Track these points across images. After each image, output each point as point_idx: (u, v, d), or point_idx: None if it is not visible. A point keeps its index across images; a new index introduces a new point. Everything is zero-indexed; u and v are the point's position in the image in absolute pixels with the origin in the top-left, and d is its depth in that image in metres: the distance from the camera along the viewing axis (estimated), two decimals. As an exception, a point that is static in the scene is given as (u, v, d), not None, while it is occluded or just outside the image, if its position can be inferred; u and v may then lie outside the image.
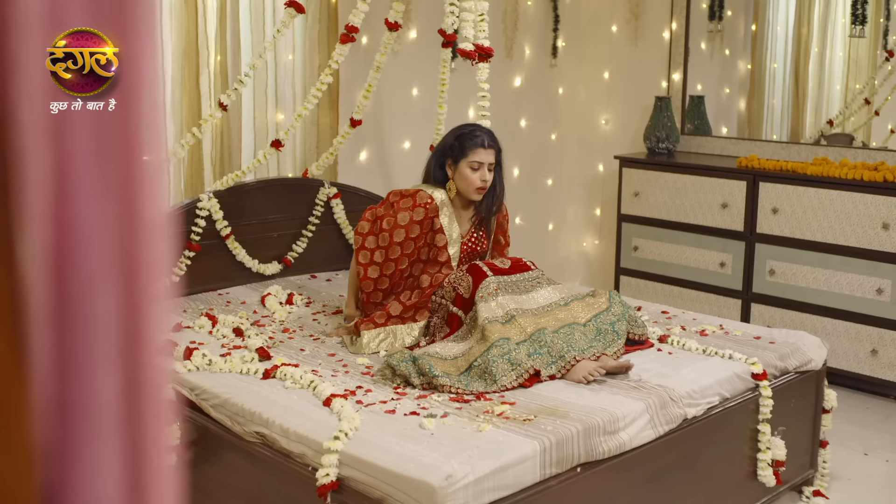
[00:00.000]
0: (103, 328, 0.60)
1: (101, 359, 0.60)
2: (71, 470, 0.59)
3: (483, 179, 3.53)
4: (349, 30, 4.19)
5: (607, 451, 2.70)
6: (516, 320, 3.16)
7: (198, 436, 3.04)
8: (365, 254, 3.49)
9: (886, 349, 4.49)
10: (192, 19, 4.19)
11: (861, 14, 5.09)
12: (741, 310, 5.03)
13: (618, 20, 6.15)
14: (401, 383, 3.02)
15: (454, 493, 2.28)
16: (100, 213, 0.60)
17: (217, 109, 4.11)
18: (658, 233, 5.37)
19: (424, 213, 3.48)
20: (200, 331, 3.58)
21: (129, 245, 0.61)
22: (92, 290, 0.59)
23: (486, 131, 3.58)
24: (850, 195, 4.58)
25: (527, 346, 3.07)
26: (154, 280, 0.64)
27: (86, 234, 0.59)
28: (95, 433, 0.59)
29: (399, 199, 3.52)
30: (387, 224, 3.47)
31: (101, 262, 0.60)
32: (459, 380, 2.95)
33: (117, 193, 0.61)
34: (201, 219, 4.10)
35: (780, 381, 3.40)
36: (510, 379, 2.95)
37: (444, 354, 3.13)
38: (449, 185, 3.57)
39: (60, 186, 0.60)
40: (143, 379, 0.62)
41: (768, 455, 3.30)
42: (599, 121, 6.31)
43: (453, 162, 3.56)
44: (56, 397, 0.59)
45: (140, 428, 0.62)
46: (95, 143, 0.62)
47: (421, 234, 3.49)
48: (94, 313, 0.60)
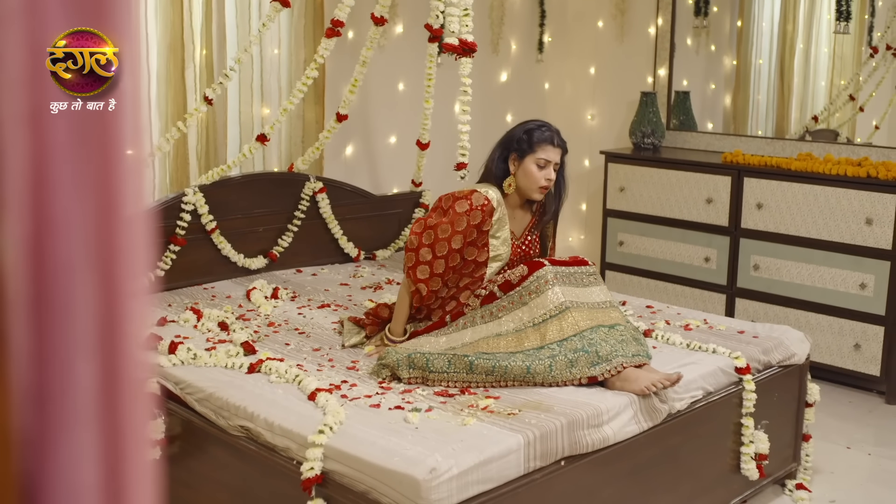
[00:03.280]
0: (81, 318, 0.60)
1: (79, 349, 0.60)
2: (49, 458, 0.59)
3: (548, 178, 3.34)
4: (335, 24, 4.19)
5: (591, 444, 2.71)
6: (563, 317, 3.05)
7: (182, 430, 3.04)
8: (423, 269, 3.24)
9: (869, 344, 4.52)
10: (177, 13, 4.18)
11: (846, 10, 5.12)
12: (726, 304, 5.05)
13: (604, 16, 6.16)
14: (387, 377, 3.02)
15: (438, 486, 2.29)
16: (78, 206, 0.60)
17: (202, 103, 4.10)
18: (643, 228, 5.38)
19: (482, 215, 3.24)
20: (185, 325, 3.57)
21: (108, 237, 0.62)
22: (70, 281, 0.60)
23: (555, 129, 3.40)
24: (833, 191, 4.60)
25: (575, 341, 2.98)
26: (133, 273, 0.64)
27: (64, 226, 0.59)
28: (73, 422, 0.60)
29: (453, 203, 3.27)
30: (442, 232, 3.22)
31: (79, 254, 0.60)
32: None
33: (95, 186, 0.61)
34: (187, 213, 4.10)
35: (764, 375, 3.42)
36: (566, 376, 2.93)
37: (434, 349, 3.12)
38: (509, 181, 3.36)
39: (39, 178, 0.60)
40: (121, 369, 0.63)
41: (751, 449, 3.31)
42: (585, 116, 6.32)
43: (518, 157, 3.35)
44: (34, 386, 0.59)
45: (118, 417, 0.62)
46: (74, 136, 0.62)
47: (479, 236, 3.28)
48: (72, 304, 0.60)
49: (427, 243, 3.23)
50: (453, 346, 3.14)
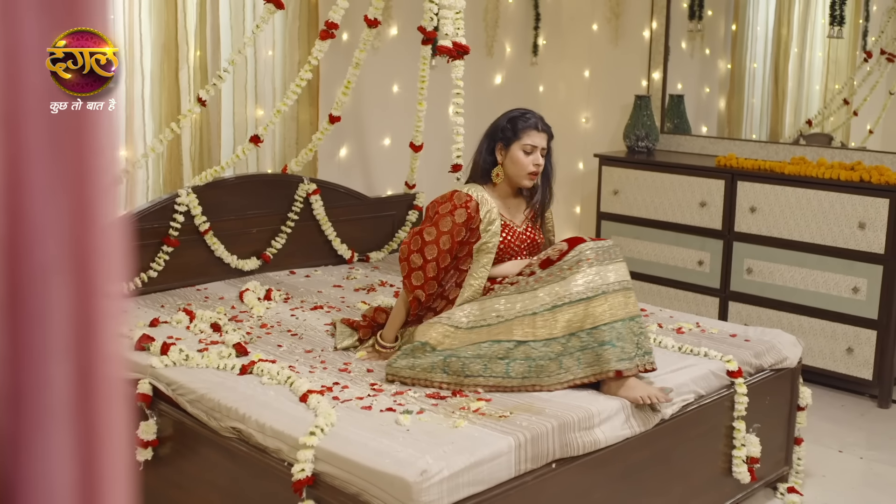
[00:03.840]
0: (56, 319, 0.60)
1: (54, 350, 0.60)
2: (23, 458, 0.59)
3: (536, 164, 3.33)
4: (329, 26, 4.19)
5: (582, 447, 2.71)
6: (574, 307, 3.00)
7: (174, 431, 3.04)
8: (417, 275, 3.24)
9: (862, 347, 4.52)
10: (171, 14, 4.18)
11: (839, 15, 5.12)
12: (719, 308, 5.06)
13: (598, 19, 6.17)
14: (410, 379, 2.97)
15: (429, 488, 2.29)
16: (53, 207, 0.60)
17: (196, 105, 4.10)
18: (637, 231, 5.39)
19: (466, 213, 3.25)
20: (178, 326, 3.57)
21: (83, 240, 0.61)
22: (45, 282, 0.59)
23: (538, 115, 3.40)
24: (826, 195, 4.61)
25: (605, 331, 2.93)
26: (108, 275, 0.64)
27: (39, 227, 0.59)
28: (48, 423, 0.60)
29: (438, 206, 3.29)
30: (428, 235, 3.24)
31: (53, 255, 0.60)
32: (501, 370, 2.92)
33: (71, 189, 0.61)
34: (180, 214, 4.09)
35: (756, 378, 3.42)
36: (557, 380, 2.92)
37: (455, 321, 3.09)
38: (497, 171, 3.36)
39: (15, 180, 0.60)
40: (95, 370, 0.62)
41: (743, 452, 3.32)
42: (580, 119, 6.33)
43: (504, 145, 3.35)
44: (9, 387, 0.59)
45: (93, 418, 0.62)
46: (50, 137, 0.62)
47: (470, 234, 3.28)
48: (46, 304, 0.60)
49: (415, 249, 3.25)
50: (485, 317, 3.08)
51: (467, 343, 3.03)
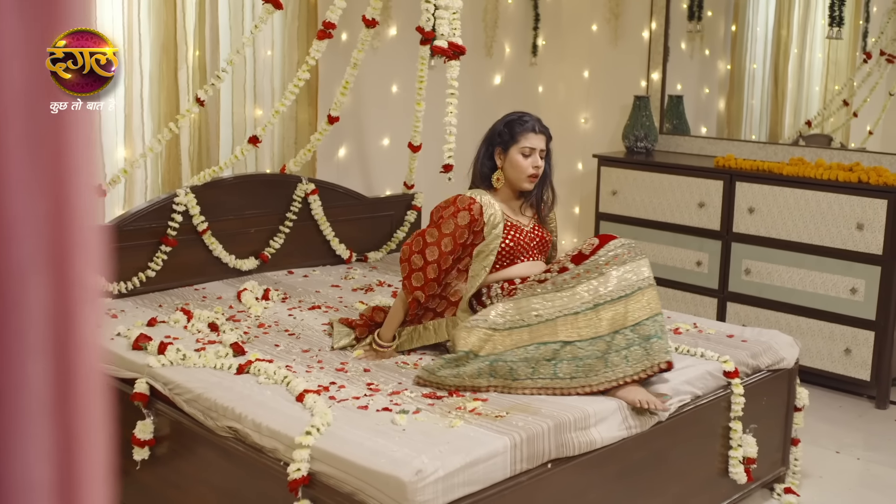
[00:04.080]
0: (34, 318, 0.60)
1: (32, 348, 0.61)
2: (1, 457, 0.59)
3: (535, 166, 3.35)
4: (326, 26, 4.19)
5: (578, 447, 2.71)
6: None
7: (171, 430, 3.04)
8: (417, 276, 3.24)
9: (860, 348, 4.52)
10: (170, 14, 4.18)
11: (838, 16, 5.12)
12: (717, 308, 5.06)
13: (598, 19, 6.17)
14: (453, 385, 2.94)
15: (424, 487, 2.29)
16: (31, 206, 0.60)
17: (194, 105, 4.10)
18: (635, 231, 5.39)
19: (469, 216, 3.23)
20: (176, 325, 3.57)
21: (60, 238, 0.62)
22: (23, 281, 0.60)
23: (535, 117, 3.41)
24: (825, 195, 4.61)
25: (648, 325, 2.99)
26: (86, 274, 0.64)
27: (17, 225, 0.60)
28: (25, 421, 0.60)
29: (441, 210, 3.29)
30: (430, 236, 3.24)
31: (32, 255, 0.60)
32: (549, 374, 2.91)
33: (50, 188, 0.62)
34: (178, 214, 4.10)
35: (752, 379, 3.42)
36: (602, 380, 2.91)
37: (496, 322, 3.06)
38: (497, 175, 3.38)
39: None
40: (73, 369, 0.63)
41: (740, 452, 3.32)
42: (579, 119, 6.33)
43: (503, 149, 3.37)
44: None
45: (70, 417, 0.63)
46: (28, 136, 0.62)
47: (474, 237, 3.27)
48: (24, 303, 0.60)
49: (417, 250, 3.25)
50: (523, 317, 3.05)
51: (510, 346, 2.99)
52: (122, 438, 3.16)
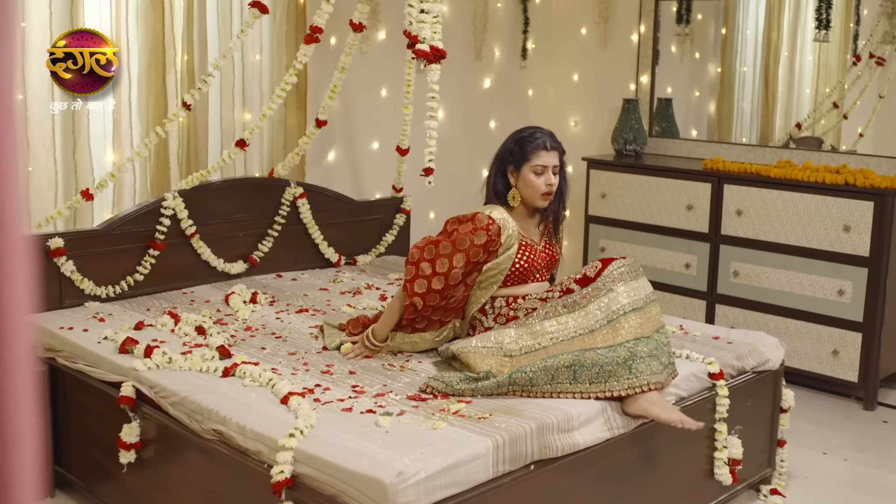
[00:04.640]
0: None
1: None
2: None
3: (549, 184, 3.31)
4: (313, 30, 4.20)
5: (561, 449, 2.72)
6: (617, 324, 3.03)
7: (156, 433, 3.05)
8: (421, 283, 3.19)
9: (847, 350, 4.54)
10: (158, 18, 4.19)
11: (825, 19, 5.14)
12: (706, 311, 5.07)
13: (587, 23, 6.19)
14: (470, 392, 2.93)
15: (405, 489, 2.30)
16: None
17: (181, 109, 4.11)
18: (625, 234, 5.40)
19: (487, 236, 3.18)
20: (163, 329, 3.58)
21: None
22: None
23: (546, 132, 3.37)
24: (812, 198, 4.63)
25: (658, 337, 3.03)
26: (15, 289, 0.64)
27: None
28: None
29: (458, 225, 3.22)
30: (444, 249, 3.18)
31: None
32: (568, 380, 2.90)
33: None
34: (166, 217, 4.10)
35: (738, 380, 3.43)
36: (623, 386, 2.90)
37: (507, 347, 3.07)
38: (512, 194, 3.33)
39: None
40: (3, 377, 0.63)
41: (725, 454, 3.32)
42: (568, 122, 6.35)
43: (515, 168, 3.32)
44: None
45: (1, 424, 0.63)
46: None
47: (488, 256, 3.24)
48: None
49: (428, 258, 3.20)
50: (539, 341, 3.04)
51: (528, 364, 2.98)
52: (108, 442, 3.17)
